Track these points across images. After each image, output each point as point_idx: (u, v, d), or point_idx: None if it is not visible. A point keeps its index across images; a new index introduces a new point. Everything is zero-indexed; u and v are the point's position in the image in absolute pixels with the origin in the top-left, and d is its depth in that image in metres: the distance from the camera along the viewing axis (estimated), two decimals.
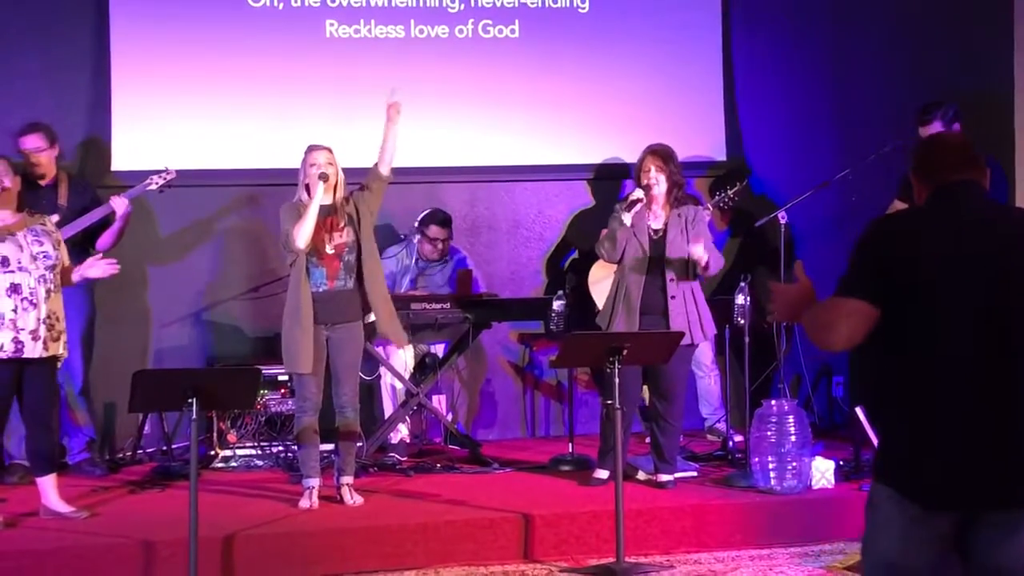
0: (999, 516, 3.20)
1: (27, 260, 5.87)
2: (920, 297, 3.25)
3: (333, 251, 6.28)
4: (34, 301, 5.84)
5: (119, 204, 7.00)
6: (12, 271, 5.83)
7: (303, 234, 6.16)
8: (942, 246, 3.28)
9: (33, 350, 5.83)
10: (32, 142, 7.03)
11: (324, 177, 6.22)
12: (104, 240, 7.07)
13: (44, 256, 5.93)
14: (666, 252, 6.47)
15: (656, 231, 6.54)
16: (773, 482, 6.40)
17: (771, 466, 6.42)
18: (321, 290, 6.27)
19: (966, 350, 3.21)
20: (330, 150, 6.38)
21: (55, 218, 6.75)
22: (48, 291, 5.91)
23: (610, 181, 8.23)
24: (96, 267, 6.11)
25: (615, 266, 6.65)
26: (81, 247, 7.02)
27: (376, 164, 6.45)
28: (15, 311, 5.80)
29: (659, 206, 6.57)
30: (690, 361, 6.80)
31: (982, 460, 3.20)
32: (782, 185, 8.26)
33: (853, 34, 8.64)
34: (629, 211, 6.44)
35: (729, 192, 7.64)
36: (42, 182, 7.10)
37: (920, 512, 3.21)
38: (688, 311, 6.46)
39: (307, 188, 6.30)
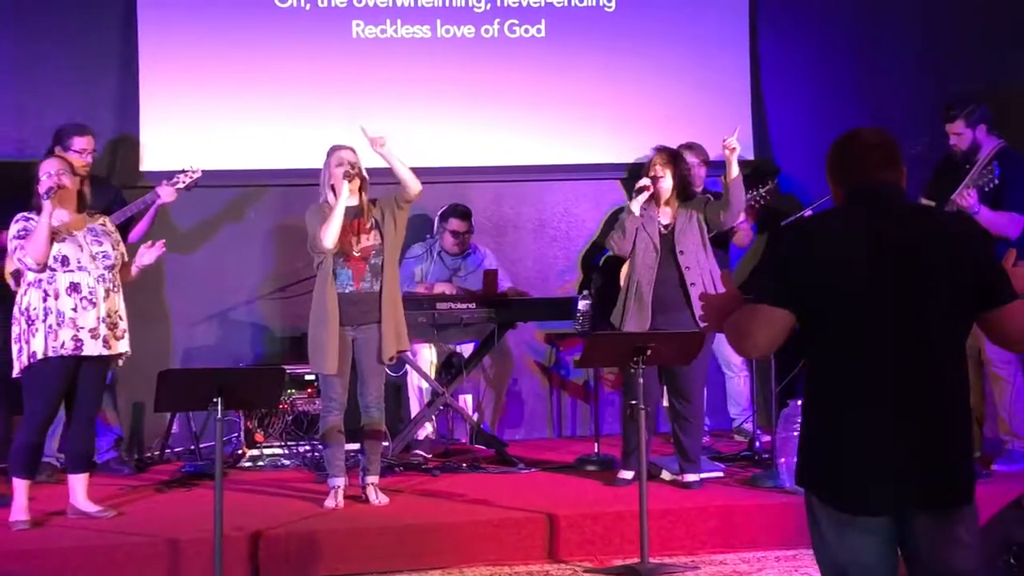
0: (929, 517, 3.18)
1: (87, 259, 5.94)
2: (839, 302, 3.20)
3: (360, 253, 6.29)
4: (93, 300, 5.91)
5: (166, 192, 7.08)
6: (72, 270, 5.90)
7: (330, 235, 6.17)
8: (860, 249, 3.22)
9: (92, 348, 5.91)
10: (87, 143, 7.08)
11: (349, 176, 6.22)
12: (136, 232, 7.14)
13: (103, 256, 6.00)
14: (677, 244, 6.51)
15: (665, 227, 6.59)
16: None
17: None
18: (347, 291, 6.28)
19: (887, 354, 3.18)
20: (353, 150, 6.37)
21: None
22: (107, 290, 5.98)
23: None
24: (147, 254, 6.15)
25: None
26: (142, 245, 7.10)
27: (400, 186, 6.42)
28: (75, 310, 5.87)
29: (665, 202, 6.63)
30: (708, 357, 6.78)
31: (906, 463, 3.16)
32: (809, 184, 8.21)
33: (882, 31, 8.58)
34: (636, 197, 6.53)
35: (760, 191, 7.61)
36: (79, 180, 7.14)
37: (849, 517, 3.19)
38: None
39: (332, 189, 6.30)
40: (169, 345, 7.95)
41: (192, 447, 7.53)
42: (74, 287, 5.90)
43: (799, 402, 6.41)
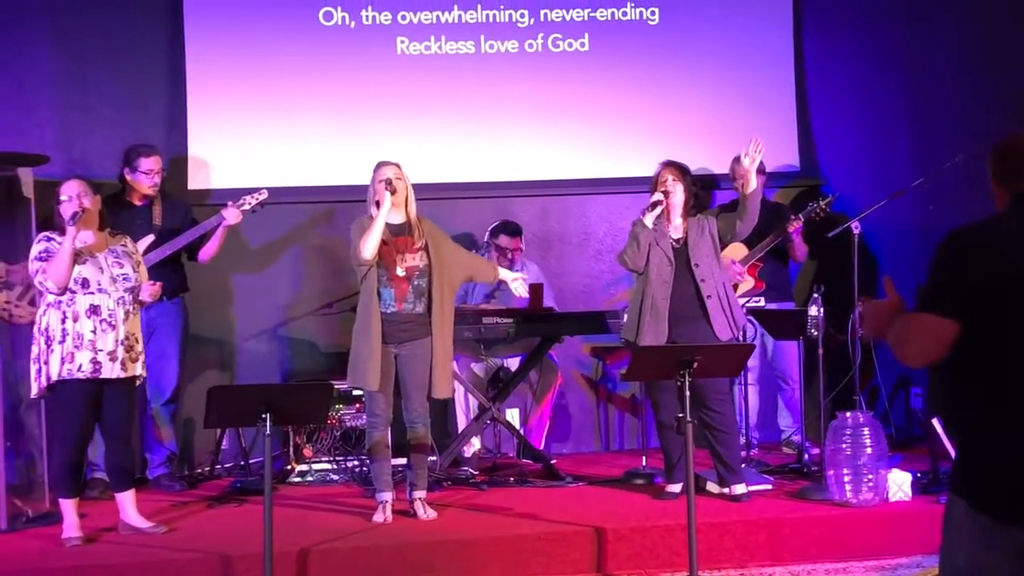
0: None
1: (107, 282, 5.95)
2: (1003, 313, 3.18)
3: (404, 273, 6.28)
4: (113, 323, 5.92)
5: (231, 215, 7.13)
6: (92, 292, 5.91)
7: (369, 245, 6.17)
8: None
9: (111, 371, 5.91)
10: (154, 163, 7.17)
11: (389, 185, 6.22)
12: (207, 251, 7.22)
13: (124, 278, 6.00)
14: (691, 256, 6.53)
15: (678, 240, 6.60)
16: (849, 495, 6.33)
17: (847, 479, 6.34)
18: (389, 311, 6.27)
19: None
20: (398, 165, 6.38)
21: (150, 238, 6.88)
22: (127, 312, 5.98)
23: None
24: (146, 291, 6.09)
25: None
26: (176, 265, 7.18)
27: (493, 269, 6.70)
28: (94, 332, 5.88)
29: (677, 216, 6.62)
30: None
31: None
32: (856, 195, 8.17)
33: (929, 39, 8.51)
34: (650, 212, 6.54)
35: (820, 203, 7.57)
36: (138, 202, 7.22)
37: (992, 524, 3.16)
38: (724, 307, 6.53)
39: (377, 205, 6.32)
40: (221, 361, 8.01)
41: (242, 463, 7.58)
42: (94, 309, 5.90)
43: (848, 415, 6.46)
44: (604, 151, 8.29)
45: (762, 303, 7.59)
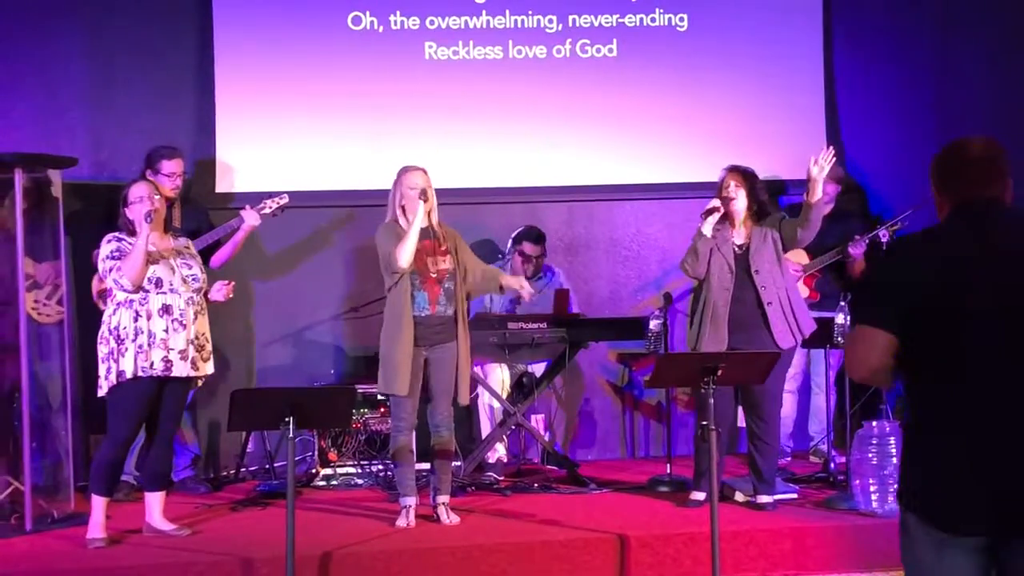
0: None
1: (178, 282, 6.03)
2: (943, 326, 3.15)
3: (436, 275, 6.29)
4: (184, 322, 6.00)
5: (251, 217, 7.15)
6: (164, 292, 5.99)
7: (405, 253, 6.17)
8: (965, 272, 3.16)
9: (182, 369, 6.00)
10: (176, 167, 7.20)
11: (424, 195, 6.22)
12: (220, 256, 7.23)
13: (193, 279, 6.10)
14: (752, 264, 6.46)
15: (740, 246, 6.53)
16: (875, 504, 6.29)
17: (872, 488, 6.31)
18: (423, 315, 6.27)
19: (990, 377, 3.12)
20: (424, 171, 6.38)
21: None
22: (196, 312, 6.08)
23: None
24: (222, 291, 6.22)
25: None
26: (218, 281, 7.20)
27: (500, 275, 6.55)
28: (166, 331, 5.95)
29: (740, 222, 6.56)
30: (784, 378, 6.72)
31: (1005, 487, 3.11)
32: (886, 202, 8.13)
33: (960, 46, 8.45)
34: (707, 219, 6.48)
35: (888, 227, 7.49)
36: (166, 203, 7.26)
37: (945, 537, 3.14)
38: (786, 314, 6.45)
39: (402, 209, 6.31)
40: (246, 365, 8.04)
41: (267, 466, 7.59)
42: (166, 309, 5.98)
43: (874, 423, 6.42)
44: (631, 156, 8.28)
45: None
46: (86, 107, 7.87)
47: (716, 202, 6.52)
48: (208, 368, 6.17)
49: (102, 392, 6.04)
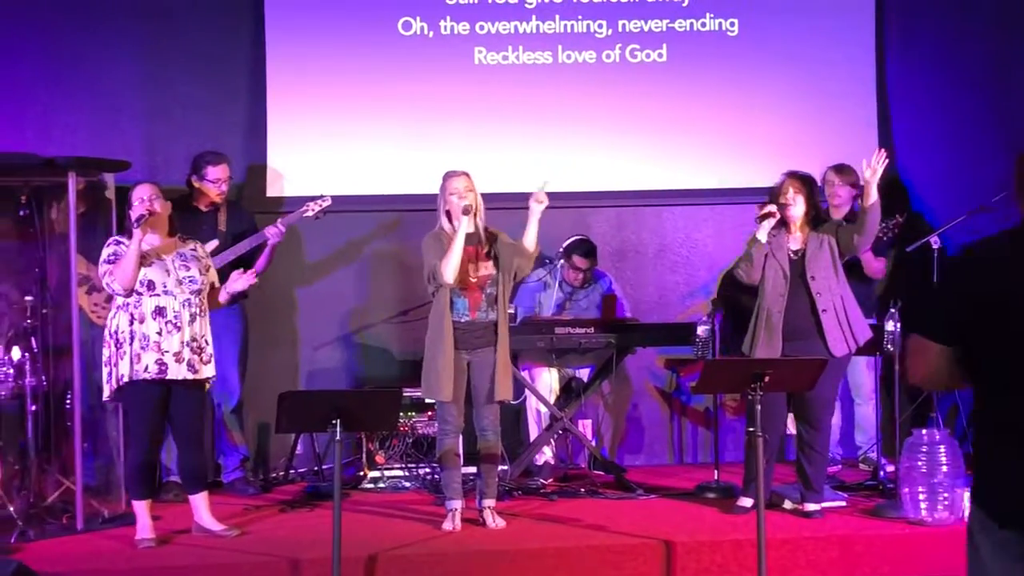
0: None
1: (173, 284, 6.01)
2: (1005, 337, 3.10)
3: (476, 281, 6.29)
4: (178, 324, 5.98)
5: (273, 232, 7.18)
6: (158, 294, 5.98)
7: (450, 269, 6.17)
8: None
9: (177, 372, 5.98)
10: (220, 172, 7.26)
11: (468, 211, 6.21)
12: (259, 265, 7.27)
13: (190, 280, 6.06)
14: (808, 270, 6.41)
15: (795, 252, 6.49)
16: (924, 513, 6.24)
17: (922, 497, 6.25)
18: (463, 320, 6.29)
19: None
20: (467, 175, 6.36)
21: (214, 243, 6.97)
22: (193, 315, 6.04)
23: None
24: (239, 281, 6.20)
25: None
26: (238, 267, 7.23)
27: (523, 241, 6.33)
28: (159, 333, 5.95)
29: (797, 228, 6.51)
30: (838, 386, 6.68)
31: None
32: (939, 208, 8.05)
33: (1015, 49, 8.36)
34: (762, 224, 6.43)
35: (890, 223, 7.43)
36: (204, 208, 7.32)
37: (1008, 535, 3.11)
38: (840, 322, 6.39)
39: (447, 215, 6.32)
40: (294, 367, 8.09)
41: (315, 468, 7.64)
42: (159, 311, 5.96)
43: (924, 431, 6.37)
44: (681, 162, 8.26)
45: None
46: (140, 111, 7.96)
47: (771, 207, 6.47)
48: (208, 371, 6.12)
49: (104, 396, 6.09)
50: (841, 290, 6.47)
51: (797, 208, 6.47)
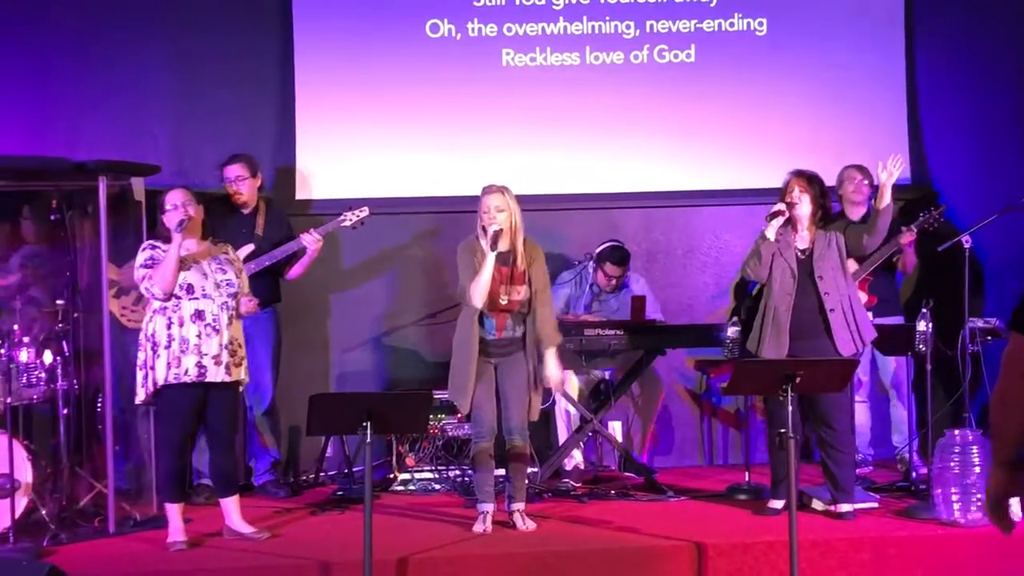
0: None
1: (211, 287, 6.04)
2: None
3: (507, 304, 6.25)
4: (217, 327, 6.01)
5: (310, 241, 7.19)
6: (197, 298, 6.01)
7: (478, 296, 6.14)
8: None
9: (215, 375, 6.00)
10: (234, 171, 7.29)
11: (495, 238, 6.14)
12: (294, 271, 7.29)
13: (227, 284, 6.09)
14: (816, 269, 6.42)
15: (803, 251, 6.49)
16: (957, 515, 6.19)
17: (954, 498, 6.20)
18: (490, 338, 6.29)
19: None
20: (503, 191, 6.26)
21: (250, 247, 7.00)
22: (230, 318, 6.07)
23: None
24: (247, 306, 6.16)
25: None
26: (271, 275, 7.26)
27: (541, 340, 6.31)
28: (199, 336, 5.97)
29: (804, 227, 6.52)
30: (851, 384, 6.66)
31: None
32: (969, 208, 8.00)
33: None
34: (771, 223, 6.43)
35: (933, 213, 7.41)
36: (244, 211, 7.35)
37: None
38: (848, 321, 6.40)
39: (483, 229, 6.24)
40: (325, 370, 8.11)
41: (346, 470, 7.65)
42: (198, 314, 5.99)
43: (956, 432, 6.32)
44: (710, 162, 8.24)
45: (869, 317, 7.44)
46: (169, 116, 8.00)
47: (780, 206, 6.49)
48: (241, 374, 6.14)
49: (138, 399, 6.11)
50: (848, 289, 6.49)
51: (803, 207, 6.50)
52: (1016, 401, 3.06)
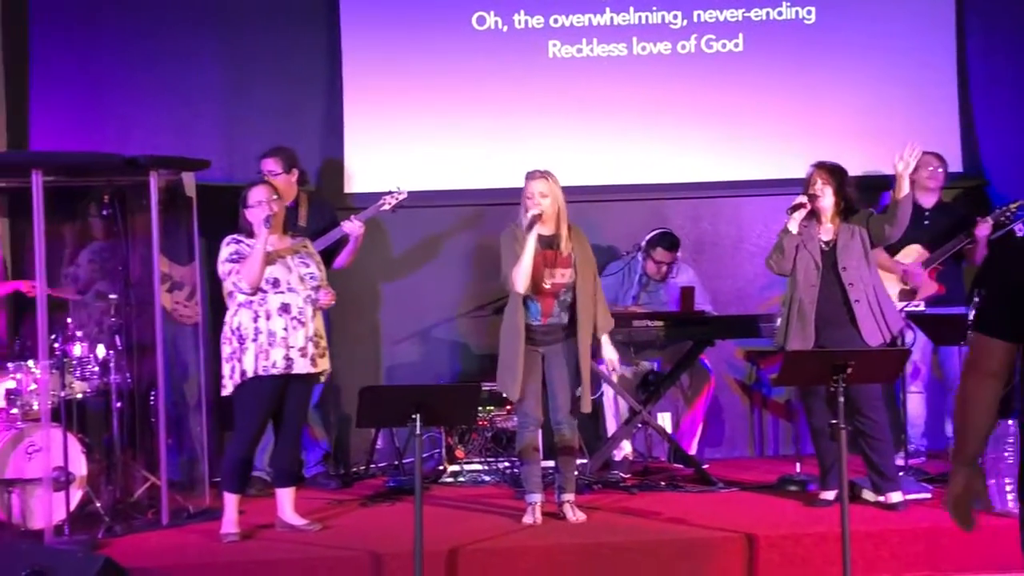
0: None
1: (295, 281, 6.13)
2: None
3: (550, 287, 6.27)
4: (302, 320, 6.10)
5: (351, 227, 7.22)
6: (282, 291, 6.09)
7: (520, 279, 6.16)
8: None
9: (301, 367, 6.09)
10: (268, 166, 7.33)
11: (534, 221, 6.16)
12: (340, 260, 7.31)
13: (311, 277, 6.19)
14: (839, 260, 6.40)
15: (827, 243, 6.47)
16: (1011, 505, 6.12)
17: (1008, 488, 6.14)
18: (535, 323, 6.30)
19: None
20: (547, 177, 6.28)
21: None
22: (314, 310, 6.17)
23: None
24: (323, 297, 6.23)
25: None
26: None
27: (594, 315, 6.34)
28: (286, 329, 6.05)
29: (827, 219, 6.50)
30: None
31: None
32: (1021, 196, 7.90)
33: None
34: (793, 215, 6.43)
35: (1011, 207, 7.33)
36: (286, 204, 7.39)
37: None
38: (874, 311, 6.38)
39: (527, 212, 6.28)
40: (375, 362, 8.14)
41: (396, 462, 7.68)
42: (284, 308, 6.08)
43: (1010, 423, 6.25)
44: (758, 152, 8.19)
45: (922, 307, 7.39)
46: (218, 111, 8.07)
47: (802, 198, 6.48)
48: (325, 364, 6.24)
49: (226, 392, 6.16)
50: (873, 280, 6.47)
51: (826, 199, 6.48)
52: (977, 401, 3.12)
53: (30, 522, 6.24)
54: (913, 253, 7.47)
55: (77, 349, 6.58)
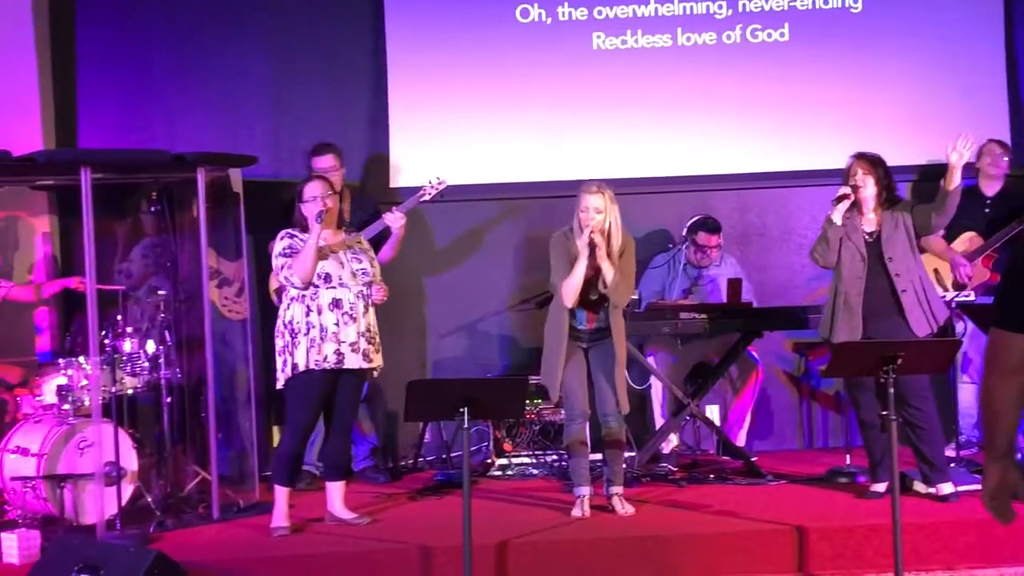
0: None
1: (347, 276, 6.16)
2: None
3: (597, 298, 6.29)
4: (354, 315, 6.12)
5: (393, 219, 7.23)
6: (334, 287, 6.12)
7: (570, 295, 6.20)
8: None
9: (354, 361, 6.12)
10: (326, 162, 7.35)
11: (591, 244, 6.15)
12: (384, 254, 7.32)
13: (363, 273, 6.21)
14: (885, 250, 6.35)
15: (870, 234, 6.42)
16: None
17: None
18: (581, 328, 6.34)
19: None
20: (603, 192, 6.22)
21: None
22: (366, 306, 6.19)
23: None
24: (375, 293, 6.25)
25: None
26: None
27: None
28: (337, 325, 6.08)
29: (870, 209, 6.45)
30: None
31: None
32: None
33: None
34: (836, 207, 6.39)
35: None
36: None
37: None
38: (921, 301, 6.34)
39: (579, 222, 6.25)
40: (422, 356, 8.17)
41: (444, 456, 7.70)
42: (336, 303, 6.10)
43: None
44: (805, 143, 8.13)
45: (972, 297, 7.32)
46: (265, 108, 8.11)
47: (846, 189, 6.43)
48: (379, 359, 6.27)
49: (280, 385, 6.20)
50: (919, 271, 6.43)
51: (868, 189, 6.44)
52: (1001, 397, 3.08)
53: (82, 517, 6.30)
54: (966, 241, 7.41)
55: (127, 345, 6.64)
